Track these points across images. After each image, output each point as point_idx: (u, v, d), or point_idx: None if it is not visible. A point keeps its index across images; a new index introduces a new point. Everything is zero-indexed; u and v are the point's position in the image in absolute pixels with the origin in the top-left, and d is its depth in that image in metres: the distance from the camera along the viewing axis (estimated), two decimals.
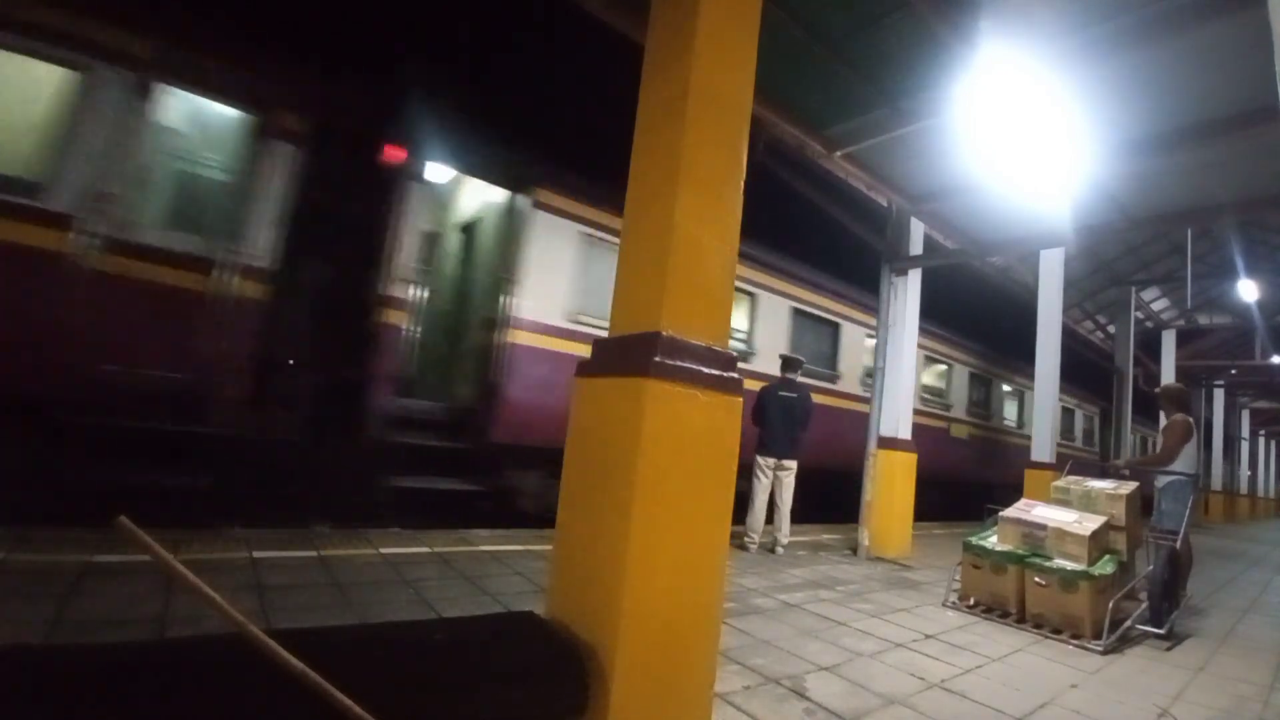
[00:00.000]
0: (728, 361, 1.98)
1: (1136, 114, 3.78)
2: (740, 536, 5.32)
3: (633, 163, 2.18)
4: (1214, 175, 4.30)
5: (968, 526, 8.24)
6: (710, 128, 2.01)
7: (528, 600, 3.12)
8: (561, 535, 2.04)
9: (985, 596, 4.05)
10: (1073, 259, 9.22)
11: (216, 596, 1.15)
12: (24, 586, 2.48)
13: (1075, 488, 4.25)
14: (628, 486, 1.74)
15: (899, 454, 5.97)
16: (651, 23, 2.24)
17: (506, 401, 5.21)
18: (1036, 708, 2.55)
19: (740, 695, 2.35)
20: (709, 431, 1.90)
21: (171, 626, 2.29)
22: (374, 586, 3.08)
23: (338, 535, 4.03)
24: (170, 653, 1.37)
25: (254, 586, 2.85)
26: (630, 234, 2.13)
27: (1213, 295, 13.30)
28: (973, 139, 4.31)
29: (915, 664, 2.93)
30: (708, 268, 1.99)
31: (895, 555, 5.84)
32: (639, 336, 1.91)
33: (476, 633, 1.80)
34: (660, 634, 1.78)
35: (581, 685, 1.69)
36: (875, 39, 3.66)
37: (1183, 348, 15.14)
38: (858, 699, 2.43)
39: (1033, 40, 3.34)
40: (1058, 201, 4.92)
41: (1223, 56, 3.19)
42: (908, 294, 6.23)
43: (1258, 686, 3.11)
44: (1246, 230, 10.14)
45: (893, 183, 5.33)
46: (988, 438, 11.75)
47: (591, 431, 1.99)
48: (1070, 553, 3.72)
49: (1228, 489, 19.94)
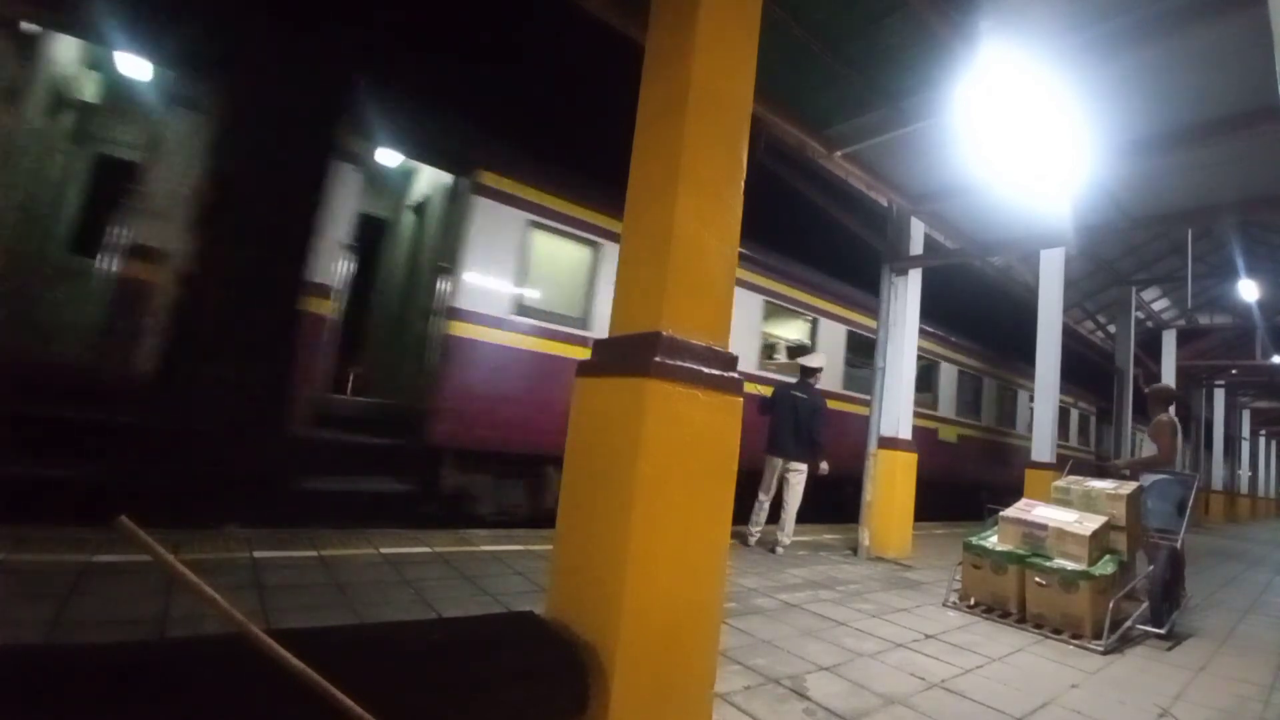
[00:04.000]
0: (728, 361, 1.98)
1: (1136, 114, 3.77)
2: (743, 533, 5.35)
3: (633, 163, 2.18)
4: (1214, 175, 4.30)
5: (968, 526, 8.24)
6: (710, 127, 2.01)
7: (528, 600, 3.12)
8: (562, 535, 2.04)
9: (986, 596, 4.04)
10: (1073, 259, 9.21)
11: (217, 596, 1.15)
12: (24, 586, 2.48)
13: (1076, 488, 4.25)
14: (628, 486, 1.74)
15: (899, 454, 5.97)
16: (651, 23, 2.24)
17: (446, 399, 4.91)
18: (1037, 708, 2.54)
19: (740, 695, 2.34)
20: (709, 431, 1.90)
21: (171, 626, 2.29)
22: (374, 586, 3.08)
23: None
24: (170, 653, 1.37)
25: (254, 586, 2.85)
26: (630, 234, 2.13)
27: (1213, 295, 13.30)
28: (973, 139, 4.31)
29: (916, 664, 2.93)
30: (708, 268, 1.99)
31: (895, 555, 5.84)
32: (639, 336, 1.91)
33: (476, 633, 1.80)
34: (660, 634, 1.78)
35: (581, 685, 1.68)
36: (875, 39, 3.66)
37: (1183, 348, 15.13)
38: (858, 699, 2.43)
39: (1033, 40, 3.34)
40: (1058, 201, 4.92)
41: (1223, 56, 3.19)
42: (908, 294, 6.23)
43: (1258, 686, 3.10)
44: (1247, 230, 10.13)
45: (893, 183, 5.33)
46: (974, 437, 11.61)
47: (592, 431, 1.99)
48: (1071, 553, 3.72)
49: (1228, 489, 19.92)
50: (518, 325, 5.37)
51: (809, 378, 5.71)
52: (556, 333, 5.59)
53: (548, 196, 5.59)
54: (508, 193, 5.34)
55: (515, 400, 5.27)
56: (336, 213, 4.64)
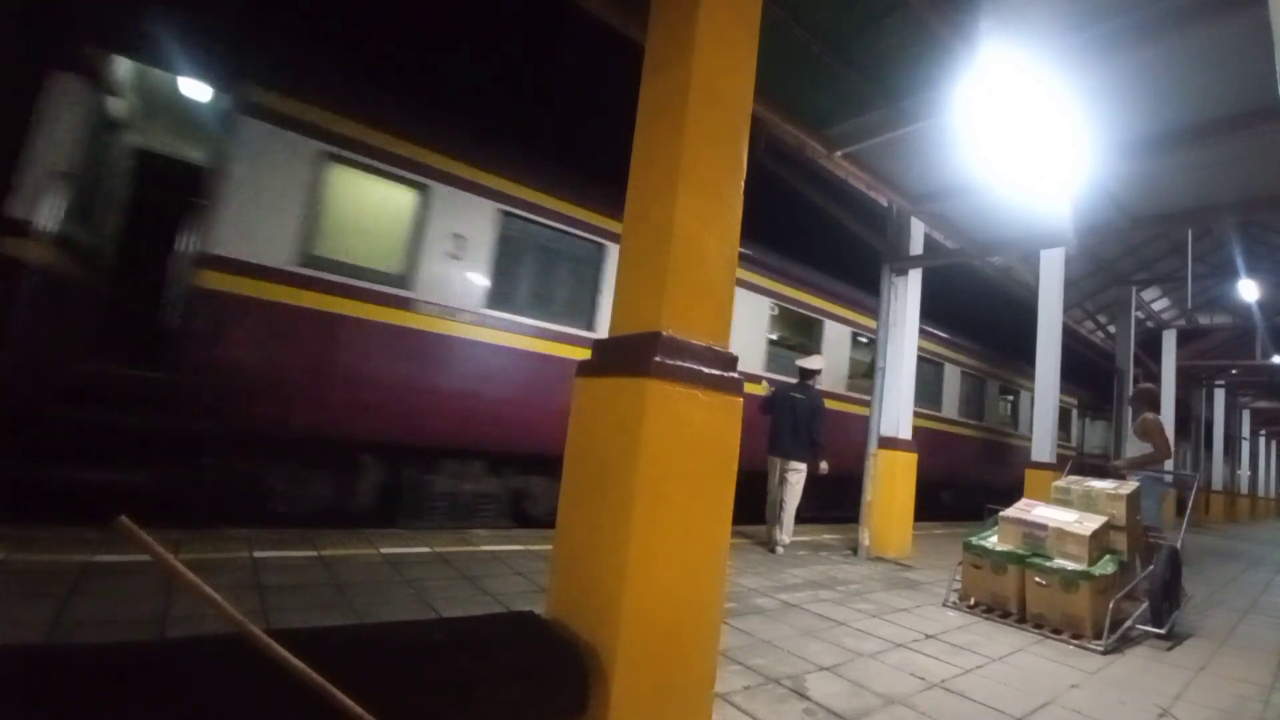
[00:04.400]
0: (728, 361, 1.98)
1: (1136, 114, 3.77)
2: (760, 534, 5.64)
3: (633, 162, 2.18)
4: (1214, 175, 4.31)
5: (968, 527, 8.24)
6: (710, 127, 2.01)
7: (528, 600, 3.12)
8: (562, 535, 2.04)
9: (986, 596, 4.04)
10: (1073, 259, 9.21)
11: (217, 596, 1.15)
12: (24, 586, 2.48)
13: (1076, 488, 4.26)
14: (628, 486, 1.74)
15: (899, 454, 5.97)
16: (651, 23, 2.24)
17: (198, 366, 4.01)
18: (1037, 708, 2.54)
19: (741, 695, 2.34)
20: (710, 431, 1.90)
21: (171, 626, 2.29)
22: (374, 586, 3.08)
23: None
24: (170, 653, 1.37)
25: (254, 586, 2.85)
26: (630, 233, 2.13)
27: (1213, 295, 13.29)
28: (973, 139, 4.31)
29: (916, 664, 2.93)
30: (708, 267, 1.99)
31: (895, 555, 5.84)
32: (639, 336, 1.91)
33: (477, 633, 1.80)
34: (660, 634, 1.78)
35: (582, 685, 1.68)
36: (875, 39, 3.66)
37: (1183, 347, 15.12)
38: (858, 699, 2.43)
39: (1033, 40, 3.34)
40: (1058, 201, 4.92)
41: (1223, 56, 3.19)
42: (908, 294, 6.24)
43: (1258, 686, 3.10)
44: (1247, 230, 10.14)
45: (893, 183, 5.33)
46: (955, 433, 11.15)
47: (592, 431, 1.99)
48: (1071, 553, 3.72)
49: (1228, 489, 19.91)
50: (307, 280, 4.40)
51: (808, 379, 5.75)
52: (363, 291, 4.64)
53: (354, 124, 4.62)
54: (292, 116, 4.39)
55: (310, 372, 4.40)
56: (49, 132, 3.65)
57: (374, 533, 4.19)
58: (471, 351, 5.17)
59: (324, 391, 4.47)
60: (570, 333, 5.76)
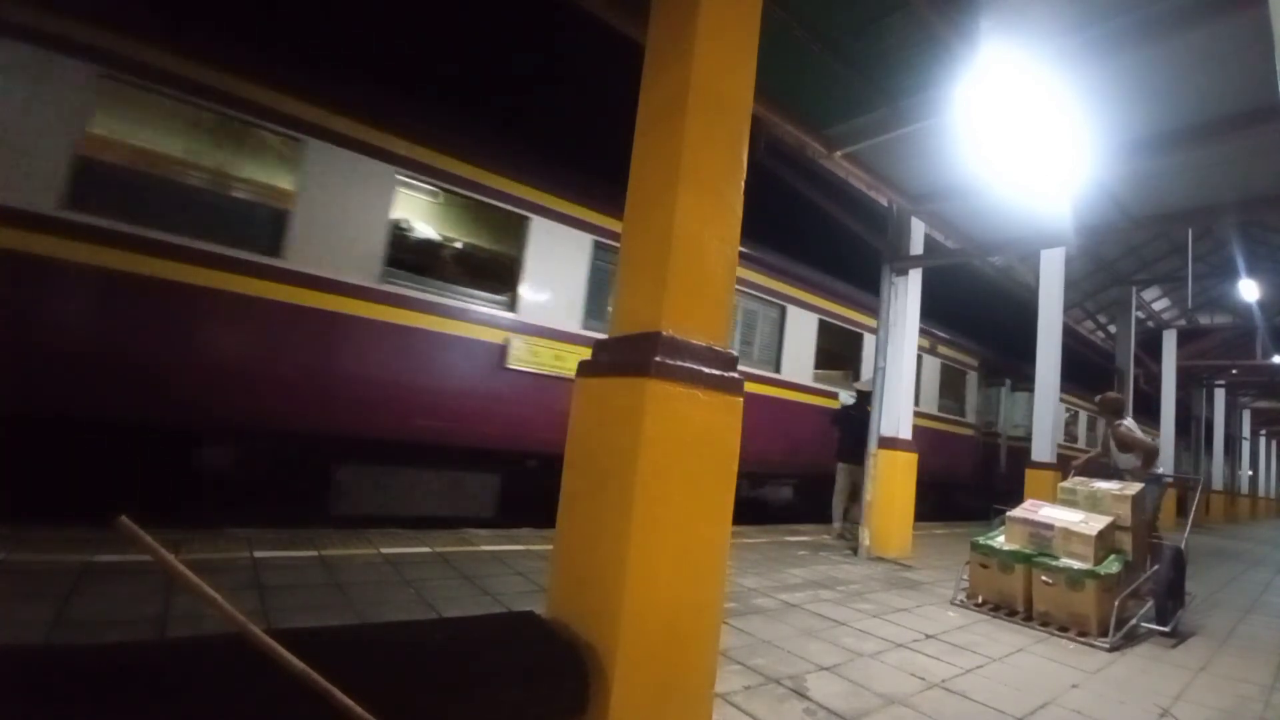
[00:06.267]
0: (728, 361, 1.98)
1: (1136, 114, 3.77)
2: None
3: (633, 163, 2.18)
4: (1214, 175, 4.30)
5: (969, 527, 8.23)
6: (710, 127, 2.01)
7: (528, 600, 3.12)
8: (562, 535, 2.04)
9: (993, 595, 4.07)
10: (1073, 259, 9.22)
11: (217, 596, 1.15)
12: (24, 586, 2.48)
13: (1081, 489, 4.28)
14: (628, 486, 1.73)
15: (900, 454, 5.98)
16: (651, 23, 2.24)
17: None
18: (1037, 707, 2.54)
19: (741, 695, 2.34)
20: (710, 431, 1.90)
21: (171, 626, 2.29)
22: (374, 586, 3.07)
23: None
24: (170, 653, 1.37)
25: (254, 586, 2.85)
26: (631, 233, 2.13)
27: (1214, 295, 13.32)
28: (973, 139, 4.31)
29: (916, 664, 2.93)
30: (708, 267, 1.99)
31: (896, 555, 5.84)
32: (639, 336, 1.91)
33: (476, 633, 1.80)
34: (661, 634, 1.78)
35: (582, 685, 1.68)
36: (875, 39, 3.65)
37: (1184, 347, 15.13)
38: (858, 699, 2.43)
39: (1033, 40, 3.34)
40: (1058, 201, 4.92)
41: (1223, 56, 3.18)
42: (908, 294, 6.24)
43: (1259, 686, 3.10)
44: (1247, 230, 10.15)
45: (893, 183, 5.33)
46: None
47: (592, 431, 1.99)
48: (1077, 552, 3.74)
49: (1228, 489, 19.91)
50: (77, 227, 3.56)
51: (864, 399, 6.61)
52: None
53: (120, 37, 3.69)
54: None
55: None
56: None
57: (374, 533, 4.19)
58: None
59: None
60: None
